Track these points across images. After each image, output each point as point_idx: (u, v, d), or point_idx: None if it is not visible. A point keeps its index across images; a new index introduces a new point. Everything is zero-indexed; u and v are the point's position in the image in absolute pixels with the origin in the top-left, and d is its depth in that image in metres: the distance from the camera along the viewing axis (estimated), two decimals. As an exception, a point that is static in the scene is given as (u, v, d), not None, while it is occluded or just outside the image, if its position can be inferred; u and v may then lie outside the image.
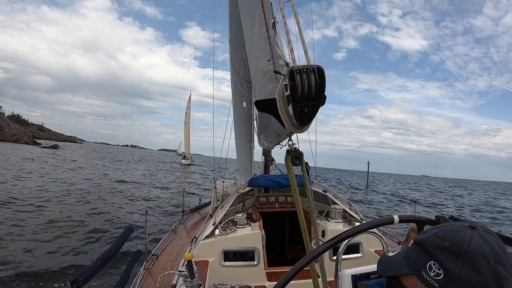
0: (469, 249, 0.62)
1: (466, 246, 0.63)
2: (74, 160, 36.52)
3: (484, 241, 0.64)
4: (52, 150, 56.24)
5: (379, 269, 0.83)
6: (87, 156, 49.58)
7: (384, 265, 0.81)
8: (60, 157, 39.32)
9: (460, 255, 0.63)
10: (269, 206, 4.33)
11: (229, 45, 5.84)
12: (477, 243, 0.63)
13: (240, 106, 5.84)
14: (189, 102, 51.11)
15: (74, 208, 10.64)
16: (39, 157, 34.48)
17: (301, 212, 1.81)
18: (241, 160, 6.62)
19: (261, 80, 2.52)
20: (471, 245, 0.63)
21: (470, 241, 0.63)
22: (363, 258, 3.16)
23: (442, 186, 58.66)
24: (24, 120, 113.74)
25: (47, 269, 5.56)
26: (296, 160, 1.69)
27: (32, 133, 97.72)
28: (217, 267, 2.87)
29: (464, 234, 0.65)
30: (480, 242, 0.63)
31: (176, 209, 10.44)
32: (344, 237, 1.03)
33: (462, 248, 0.63)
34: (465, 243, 0.63)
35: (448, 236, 0.67)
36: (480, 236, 0.65)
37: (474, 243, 0.63)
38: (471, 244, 0.63)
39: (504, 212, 21.55)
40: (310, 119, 1.42)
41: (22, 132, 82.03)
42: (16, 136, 71.73)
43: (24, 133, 78.35)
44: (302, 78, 1.28)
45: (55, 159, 33.68)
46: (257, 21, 2.39)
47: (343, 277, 1.06)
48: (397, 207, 19.51)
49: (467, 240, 0.64)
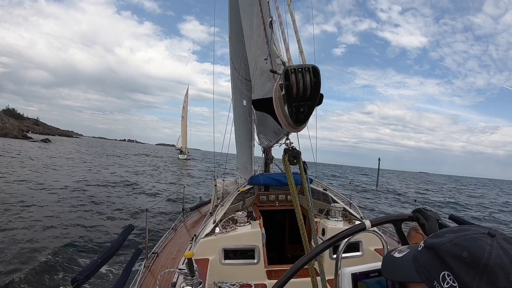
0: (489, 262, 0.57)
1: (486, 258, 0.57)
2: (51, 156, 31.88)
3: (504, 252, 0.59)
4: (42, 144, 55.16)
5: (383, 269, 0.77)
6: (79, 150, 48.04)
7: (390, 267, 0.75)
8: (46, 151, 37.57)
9: (479, 268, 0.57)
10: (269, 204, 4.34)
11: (229, 43, 5.83)
12: (497, 254, 0.58)
13: (240, 104, 5.84)
14: (187, 96, 50.99)
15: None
16: (20, 152, 32.26)
17: (299, 211, 1.82)
18: (241, 159, 6.63)
19: (259, 79, 2.52)
20: (491, 258, 0.57)
21: (491, 252, 0.58)
22: (363, 256, 3.17)
23: (452, 185, 56.12)
24: (19, 114, 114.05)
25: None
26: (293, 159, 1.69)
27: (27, 127, 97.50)
28: (217, 265, 2.88)
29: (484, 243, 0.60)
30: (500, 253, 0.58)
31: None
32: (344, 235, 1.04)
33: (482, 261, 0.58)
34: (486, 256, 0.58)
35: (466, 244, 0.61)
36: (500, 246, 0.59)
37: (494, 254, 0.58)
38: (492, 256, 0.58)
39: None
40: (306, 118, 1.42)
41: (16, 126, 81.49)
42: (5, 130, 70.80)
43: (14, 127, 77.45)
44: (297, 78, 1.28)
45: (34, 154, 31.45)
46: (255, 19, 2.39)
47: (343, 276, 1.06)
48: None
49: (488, 252, 0.58)
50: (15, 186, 13.19)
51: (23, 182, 14.31)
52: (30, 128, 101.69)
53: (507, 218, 18.56)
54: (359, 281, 1.06)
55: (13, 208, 9.55)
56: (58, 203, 10.72)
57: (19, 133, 71.88)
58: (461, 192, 38.30)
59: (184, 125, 51.31)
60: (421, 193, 29.99)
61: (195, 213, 6.03)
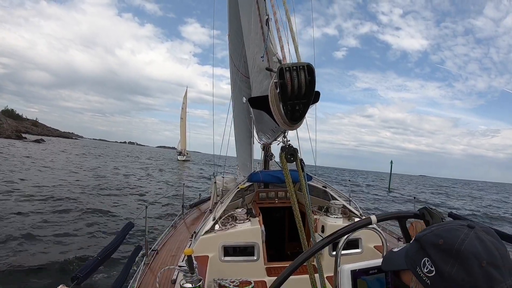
0: (461, 248, 0.62)
1: (458, 245, 0.63)
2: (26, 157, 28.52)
3: (479, 241, 0.63)
4: (33, 144, 54.43)
5: (382, 264, 0.85)
6: (68, 151, 46.15)
7: (387, 260, 0.83)
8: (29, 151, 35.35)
9: (452, 253, 0.63)
10: (268, 201, 4.35)
11: (228, 40, 5.82)
12: (470, 243, 0.62)
13: (239, 101, 5.84)
14: (185, 98, 51.13)
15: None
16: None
17: (296, 208, 1.83)
18: (240, 156, 6.63)
19: (257, 76, 2.52)
20: (463, 244, 0.62)
21: (464, 240, 0.63)
22: (363, 253, 3.18)
23: (464, 189, 51.70)
24: (18, 115, 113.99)
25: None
26: (290, 157, 1.69)
27: (25, 128, 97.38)
28: (217, 262, 2.90)
29: (459, 233, 0.65)
30: (474, 242, 0.63)
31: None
32: (343, 232, 1.04)
33: (454, 247, 0.63)
34: (458, 242, 0.63)
35: (443, 234, 0.67)
36: (477, 236, 0.64)
37: (467, 242, 0.63)
38: (464, 243, 0.63)
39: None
40: (302, 116, 1.42)
41: (13, 126, 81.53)
42: (0, 130, 70.83)
43: (11, 128, 77.33)
44: (292, 76, 1.28)
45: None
46: (252, 17, 2.39)
47: (343, 272, 1.07)
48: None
49: (461, 239, 0.63)
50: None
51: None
52: (28, 129, 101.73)
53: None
54: (358, 278, 1.07)
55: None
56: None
57: (12, 133, 71.65)
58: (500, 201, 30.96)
59: (183, 126, 51.56)
60: (444, 202, 23.83)
61: (194, 210, 6.04)
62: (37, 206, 9.83)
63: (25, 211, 9.04)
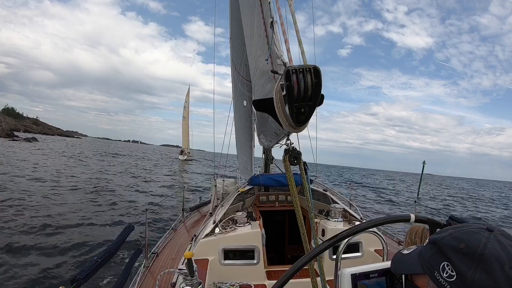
0: (484, 252, 0.61)
1: (481, 249, 0.62)
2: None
3: (500, 245, 0.63)
4: (22, 143, 51.65)
5: (392, 266, 0.83)
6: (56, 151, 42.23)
7: (398, 263, 0.81)
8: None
9: (475, 258, 0.62)
10: (269, 205, 4.34)
11: (230, 44, 5.84)
12: (492, 246, 0.62)
13: (240, 105, 5.85)
14: (188, 97, 50.87)
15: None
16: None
17: (299, 211, 1.82)
18: (241, 159, 6.63)
19: (259, 79, 2.52)
20: (486, 248, 0.62)
21: (486, 244, 0.62)
22: (363, 257, 3.17)
23: (484, 191, 46.20)
24: (18, 114, 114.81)
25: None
26: (294, 160, 1.69)
27: (24, 126, 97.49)
28: (217, 266, 2.88)
29: (480, 236, 0.64)
30: (496, 246, 0.62)
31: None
32: (344, 236, 1.04)
33: (477, 251, 0.62)
34: (481, 246, 0.62)
35: (463, 237, 0.66)
36: (497, 239, 0.63)
37: (489, 246, 0.62)
38: (487, 247, 0.62)
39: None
40: (307, 119, 1.42)
41: (12, 125, 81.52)
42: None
43: (6, 127, 76.49)
44: (298, 78, 1.28)
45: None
46: (256, 20, 2.39)
47: (343, 276, 1.06)
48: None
49: (483, 243, 0.63)
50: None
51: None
52: (28, 128, 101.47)
53: None
54: (359, 282, 1.06)
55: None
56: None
57: (3, 132, 70.36)
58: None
59: (186, 125, 51.24)
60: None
61: (195, 213, 6.03)
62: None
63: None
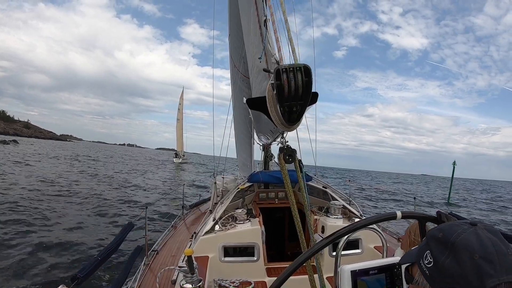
0: (456, 241, 0.66)
1: (453, 237, 0.66)
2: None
3: (476, 236, 0.65)
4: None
5: (400, 259, 0.91)
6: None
7: (405, 255, 0.87)
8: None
9: (448, 245, 0.66)
10: (269, 201, 4.35)
11: (229, 41, 5.82)
12: (466, 237, 0.65)
13: (240, 101, 5.83)
14: (182, 99, 49.80)
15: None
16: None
17: (295, 208, 1.83)
18: (240, 156, 6.64)
19: (257, 77, 2.52)
20: (458, 238, 0.66)
21: (460, 234, 0.66)
22: (363, 254, 3.18)
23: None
24: (9, 117, 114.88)
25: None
26: (289, 158, 1.69)
27: (13, 130, 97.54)
28: (217, 263, 2.90)
29: (458, 228, 0.68)
30: (470, 236, 0.65)
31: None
32: (344, 232, 1.05)
33: (450, 240, 0.67)
34: (454, 235, 0.67)
35: (444, 228, 0.71)
36: (475, 232, 0.66)
37: (463, 236, 0.66)
38: (459, 236, 0.66)
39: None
40: (299, 118, 1.43)
41: (1, 128, 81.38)
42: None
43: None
44: (289, 77, 1.29)
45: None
46: (252, 18, 2.39)
47: (343, 273, 1.07)
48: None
49: (457, 233, 0.67)
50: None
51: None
52: (17, 131, 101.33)
53: None
54: (358, 278, 1.07)
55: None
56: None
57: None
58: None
59: (180, 128, 50.28)
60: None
61: (194, 211, 6.05)
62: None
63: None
